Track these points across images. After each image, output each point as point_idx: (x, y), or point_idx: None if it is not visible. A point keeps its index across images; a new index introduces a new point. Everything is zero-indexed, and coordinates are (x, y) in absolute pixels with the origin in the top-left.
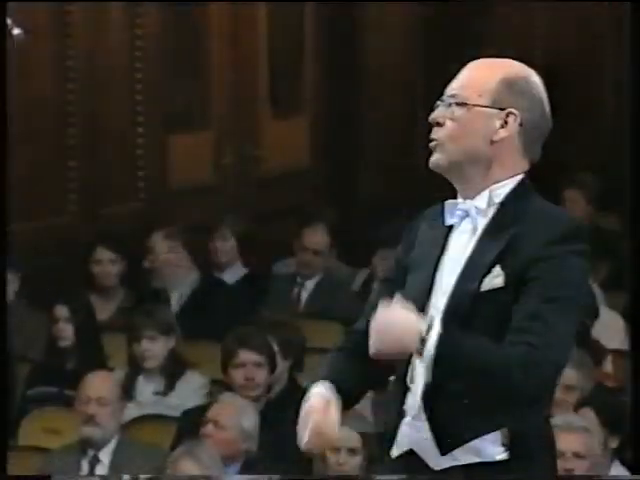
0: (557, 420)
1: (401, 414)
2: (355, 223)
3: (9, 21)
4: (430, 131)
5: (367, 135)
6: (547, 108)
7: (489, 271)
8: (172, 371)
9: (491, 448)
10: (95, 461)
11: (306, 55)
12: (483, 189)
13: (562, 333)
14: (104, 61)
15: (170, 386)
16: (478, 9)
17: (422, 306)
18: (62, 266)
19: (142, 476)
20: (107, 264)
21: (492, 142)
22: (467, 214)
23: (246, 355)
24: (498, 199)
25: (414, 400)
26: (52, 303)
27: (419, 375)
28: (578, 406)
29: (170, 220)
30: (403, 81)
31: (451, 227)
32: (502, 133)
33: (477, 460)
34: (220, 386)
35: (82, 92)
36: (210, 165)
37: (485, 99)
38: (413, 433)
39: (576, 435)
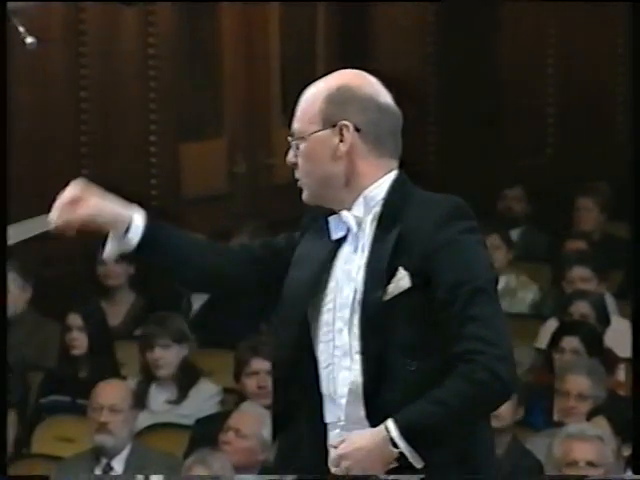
0: (570, 429)
1: (319, 430)
2: None
3: (21, 29)
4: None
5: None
6: (383, 99)
7: (392, 276)
8: (185, 379)
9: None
10: (108, 469)
11: (318, 62)
12: (355, 199)
13: (492, 321)
14: (117, 69)
15: (183, 394)
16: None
17: (301, 308)
18: (74, 274)
19: (154, 476)
20: (111, 263)
21: (337, 159)
22: (347, 225)
23: (259, 363)
24: (374, 202)
25: (339, 410)
26: (65, 312)
27: (338, 387)
28: (591, 415)
29: (183, 228)
30: (415, 85)
31: (337, 241)
32: (342, 147)
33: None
34: (233, 395)
35: (95, 100)
36: (223, 173)
37: (316, 124)
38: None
39: (589, 444)
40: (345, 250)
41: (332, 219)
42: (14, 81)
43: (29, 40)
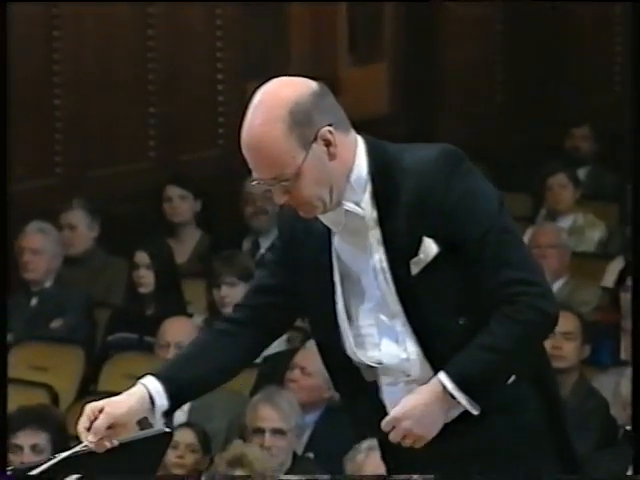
0: None
1: (370, 389)
2: None
3: None
4: None
5: (447, 81)
6: (312, 87)
7: (418, 247)
8: None
9: None
10: None
11: (385, 2)
12: (345, 187)
13: (525, 261)
14: (185, 8)
15: None
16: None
17: (329, 313)
18: (142, 212)
19: None
20: (177, 200)
21: (334, 159)
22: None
23: None
24: (362, 179)
25: (400, 373)
26: (132, 249)
27: (395, 353)
28: None
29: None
30: (482, 24)
31: (326, 236)
32: (332, 149)
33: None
34: (300, 332)
35: (163, 39)
36: None
37: (296, 156)
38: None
39: None
40: (348, 237)
41: (325, 217)
42: (82, 19)
43: None
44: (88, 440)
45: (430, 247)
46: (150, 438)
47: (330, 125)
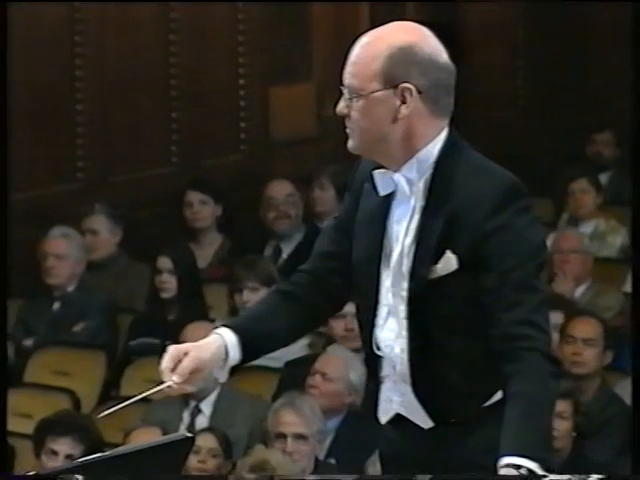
0: None
1: (378, 381)
2: None
3: None
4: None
5: (468, 88)
6: (442, 58)
7: (439, 256)
8: None
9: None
10: (197, 412)
11: (408, 4)
12: (408, 159)
13: (542, 307)
14: (207, 13)
15: None
16: None
17: (371, 276)
18: (164, 217)
19: None
20: (198, 205)
21: (397, 120)
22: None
23: (347, 307)
24: (426, 164)
25: (390, 366)
26: (154, 254)
27: (387, 344)
28: None
29: (272, 172)
30: (503, 30)
31: (387, 196)
32: (404, 110)
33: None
34: (321, 337)
35: (185, 44)
36: (311, 116)
37: (377, 82)
38: (397, 398)
39: None
40: (395, 208)
41: (378, 174)
42: (104, 23)
43: None
44: (173, 380)
45: (450, 262)
46: (172, 443)
47: (419, 92)
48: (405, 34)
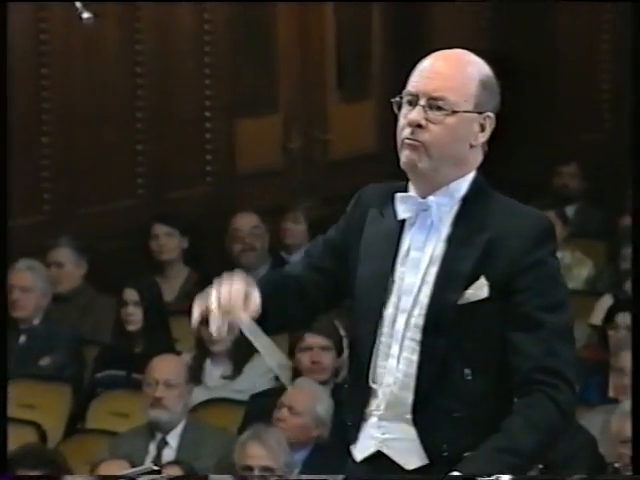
0: (626, 406)
1: (360, 418)
2: None
3: (78, 4)
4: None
5: None
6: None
7: (472, 282)
8: (240, 355)
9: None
10: (163, 444)
11: (374, 38)
12: (442, 185)
13: (572, 359)
14: (173, 45)
15: (238, 370)
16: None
17: (378, 301)
18: (130, 249)
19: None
20: (164, 238)
21: (471, 146)
22: (425, 209)
23: (313, 339)
24: (458, 194)
25: (379, 401)
26: (120, 286)
27: (384, 376)
28: None
29: (238, 204)
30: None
31: (403, 220)
32: (481, 137)
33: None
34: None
35: (150, 76)
36: (278, 149)
37: (469, 104)
38: (379, 435)
39: None
40: (415, 234)
41: (401, 198)
42: (70, 56)
43: (86, 15)
44: (245, 316)
45: (482, 289)
46: (139, 476)
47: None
48: (483, 63)
